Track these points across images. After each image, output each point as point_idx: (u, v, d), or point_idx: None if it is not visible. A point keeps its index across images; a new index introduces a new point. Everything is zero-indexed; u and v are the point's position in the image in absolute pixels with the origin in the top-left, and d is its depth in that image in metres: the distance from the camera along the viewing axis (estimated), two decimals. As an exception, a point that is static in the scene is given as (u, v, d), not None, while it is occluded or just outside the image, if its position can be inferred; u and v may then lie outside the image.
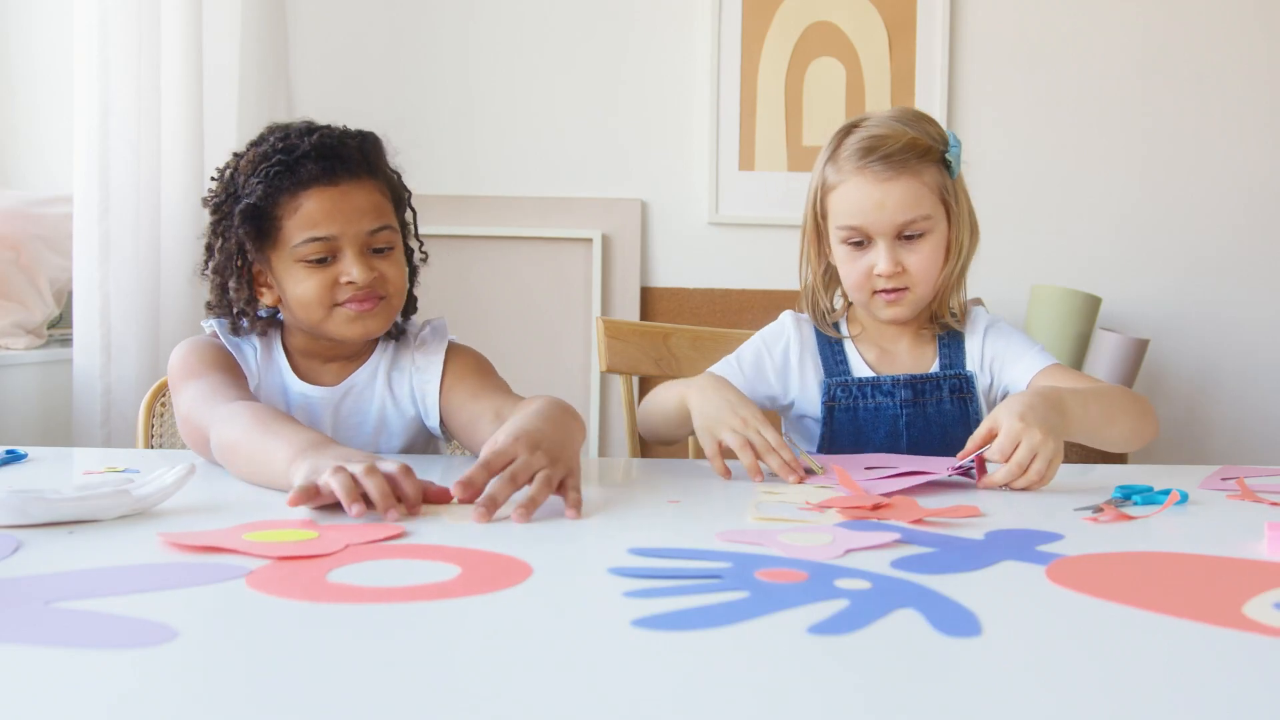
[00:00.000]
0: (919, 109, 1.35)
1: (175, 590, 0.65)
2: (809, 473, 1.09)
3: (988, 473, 1.06)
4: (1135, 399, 1.26)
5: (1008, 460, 1.04)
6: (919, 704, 0.48)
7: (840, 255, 1.31)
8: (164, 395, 1.41)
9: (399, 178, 1.26)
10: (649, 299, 2.61)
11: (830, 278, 1.37)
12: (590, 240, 2.58)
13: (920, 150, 1.25)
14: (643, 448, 1.54)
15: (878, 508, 0.90)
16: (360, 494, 0.84)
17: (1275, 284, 2.62)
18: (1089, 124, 2.60)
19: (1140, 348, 2.36)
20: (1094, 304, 2.38)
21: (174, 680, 0.50)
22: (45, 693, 0.48)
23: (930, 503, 0.95)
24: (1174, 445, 2.60)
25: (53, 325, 2.07)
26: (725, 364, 1.36)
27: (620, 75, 2.61)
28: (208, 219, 1.22)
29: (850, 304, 1.38)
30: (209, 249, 1.22)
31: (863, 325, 1.37)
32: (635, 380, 1.63)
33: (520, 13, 2.60)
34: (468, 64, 2.60)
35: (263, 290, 1.21)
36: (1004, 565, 0.73)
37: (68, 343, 2.00)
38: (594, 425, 2.55)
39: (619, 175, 2.61)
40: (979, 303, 2.10)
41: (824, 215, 1.32)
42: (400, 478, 0.87)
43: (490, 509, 0.86)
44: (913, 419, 1.30)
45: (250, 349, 1.24)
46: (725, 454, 1.12)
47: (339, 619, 0.59)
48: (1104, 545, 0.80)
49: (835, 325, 1.38)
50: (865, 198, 1.25)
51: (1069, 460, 1.13)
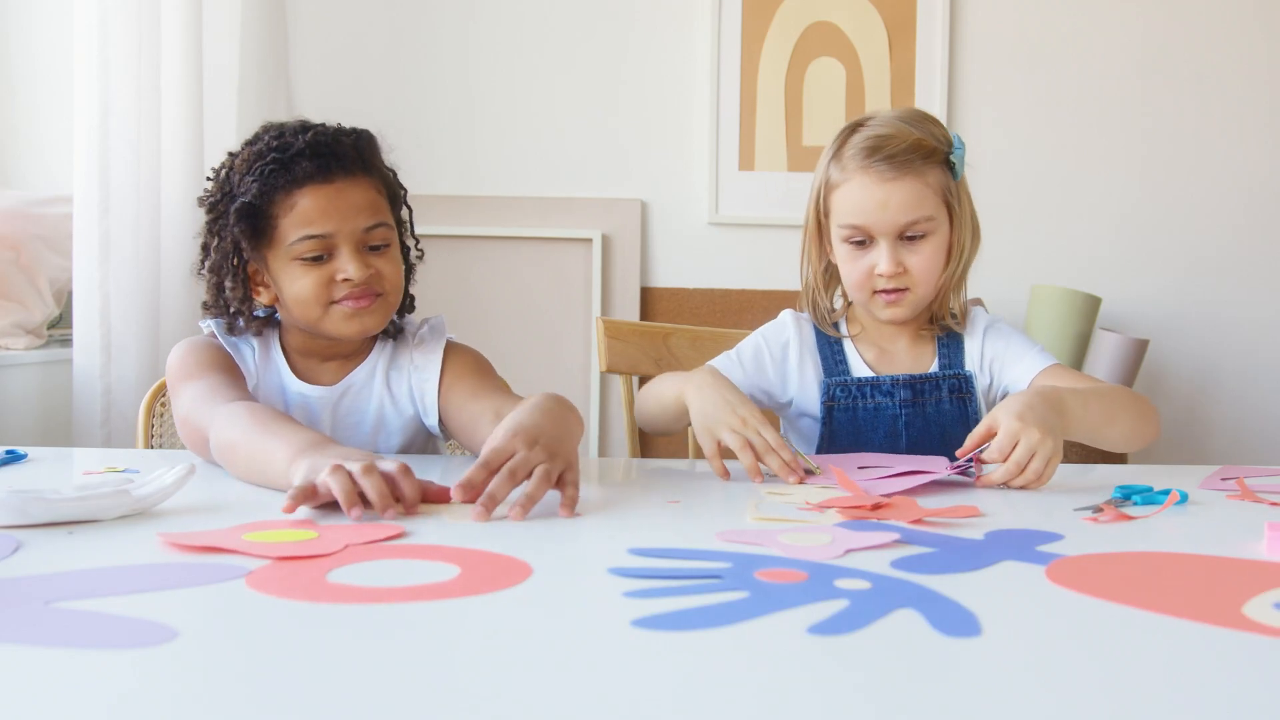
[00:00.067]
0: (923, 110, 1.35)
1: (175, 590, 0.65)
2: (808, 473, 1.09)
3: (986, 471, 1.06)
4: (1136, 399, 1.25)
5: (1006, 459, 1.04)
6: (919, 704, 0.48)
7: (841, 254, 1.31)
8: (164, 395, 1.41)
9: (394, 175, 1.26)
10: (649, 299, 2.61)
11: (830, 276, 1.37)
12: (590, 240, 2.58)
13: (925, 151, 1.25)
14: (643, 447, 1.54)
15: (878, 507, 0.90)
16: (359, 496, 0.85)
17: (1275, 284, 2.62)
18: (1089, 124, 2.60)
19: (1140, 348, 2.36)
20: (1094, 304, 2.38)
21: (174, 680, 0.50)
22: (45, 693, 0.48)
23: (930, 503, 0.95)
24: (1174, 445, 2.61)
25: (53, 325, 2.07)
26: (725, 359, 1.35)
27: (620, 75, 2.61)
28: (203, 218, 1.22)
29: (850, 304, 1.38)
30: (205, 248, 1.22)
31: (862, 325, 1.37)
32: (635, 380, 1.63)
33: (520, 13, 2.60)
34: (468, 64, 2.60)
35: (259, 289, 1.21)
36: (1004, 565, 0.73)
37: (68, 343, 2.00)
38: (594, 425, 2.55)
39: (619, 175, 2.61)
40: (979, 303, 2.10)
41: (826, 213, 1.32)
42: (398, 477, 0.87)
43: (490, 507, 0.86)
44: (912, 419, 1.30)
45: (248, 349, 1.24)
46: (724, 454, 1.12)
47: (339, 619, 0.59)
48: (1104, 545, 0.80)
49: (835, 325, 1.38)
50: (868, 197, 1.25)
51: (1069, 460, 1.13)
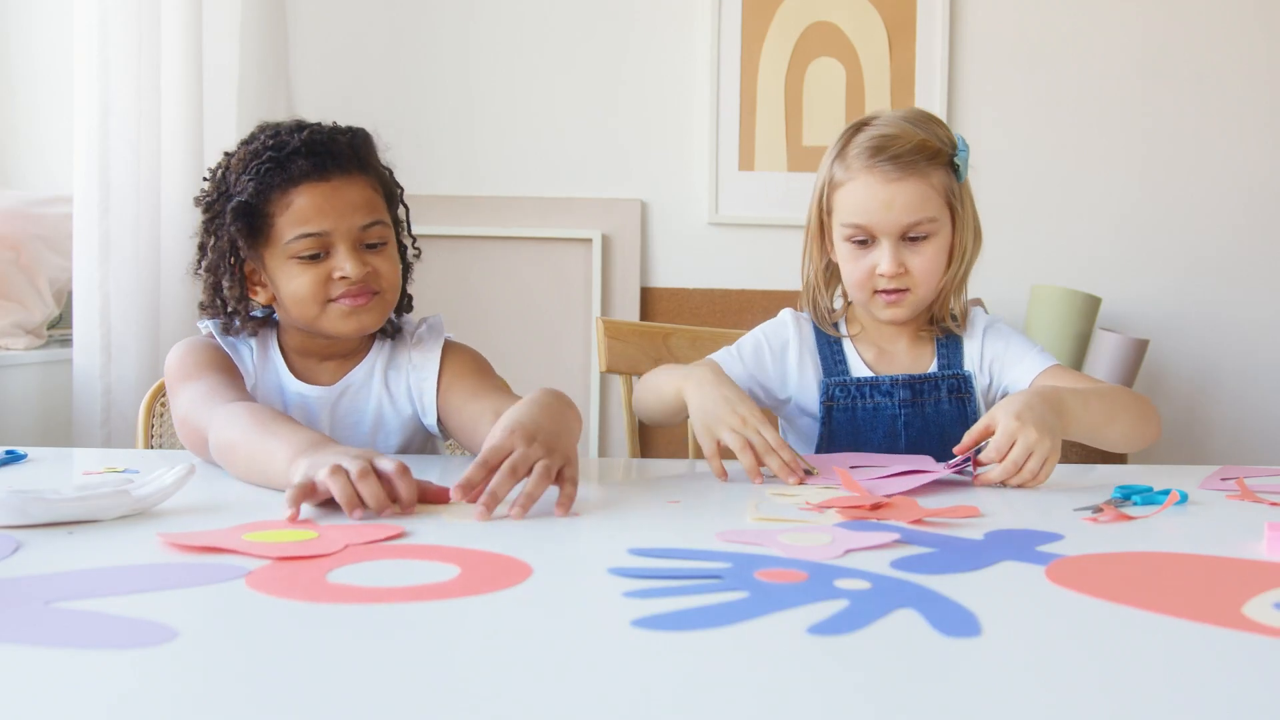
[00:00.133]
0: (927, 110, 1.35)
1: (175, 590, 0.65)
2: (807, 474, 1.09)
3: (983, 470, 1.07)
4: (1137, 400, 1.25)
5: (1003, 458, 1.05)
6: (919, 704, 0.48)
7: (843, 253, 1.30)
8: (164, 396, 1.40)
9: (391, 174, 1.26)
10: (649, 299, 2.61)
11: (831, 275, 1.37)
12: (590, 240, 2.57)
13: (930, 152, 1.25)
14: (643, 447, 1.54)
15: (878, 507, 0.90)
16: (358, 499, 0.85)
17: (1275, 284, 2.62)
18: (1089, 124, 2.60)
19: (1140, 348, 2.36)
20: (1094, 304, 2.38)
21: (174, 680, 0.50)
22: (45, 693, 0.48)
23: (930, 503, 0.95)
24: (1174, 445, 2.61)
25: (53, 325, 2.07)
26: (725, 353, 1.35)
27: (620, 75, 2.61)
28: (200, 218, 1.22)
29: (849, 303, 1.38)
30: (202, 248, 1.22)
31: (862, 325, 1.37)
32: (635, 380, 1.63)
33: (520, 13, 2.60)
34: (468, 64, 2.60)
35: (256, 289, 1.21)
36: (1004, 565, 0.73)
37: (68, 343, 2.00)
38: (594, 425, 2.55)
39: (619, 175, 2.61)
40: (979, 303, 2.10)
41: (829, 212, 1.32)
42: (395, 477, 0.87)
43: (492, 505, 0.86)
44: (911, 419, 1.30)
45: (246, 349, 1.24)
46: (724, 453, 1.12)
47: (339, 619, 0.59)
48: (1104, 545, 0.80)
49: (834, 325, 1.37)
50: (872, 197, 1.25)
51: (1069, 460, 1.13)
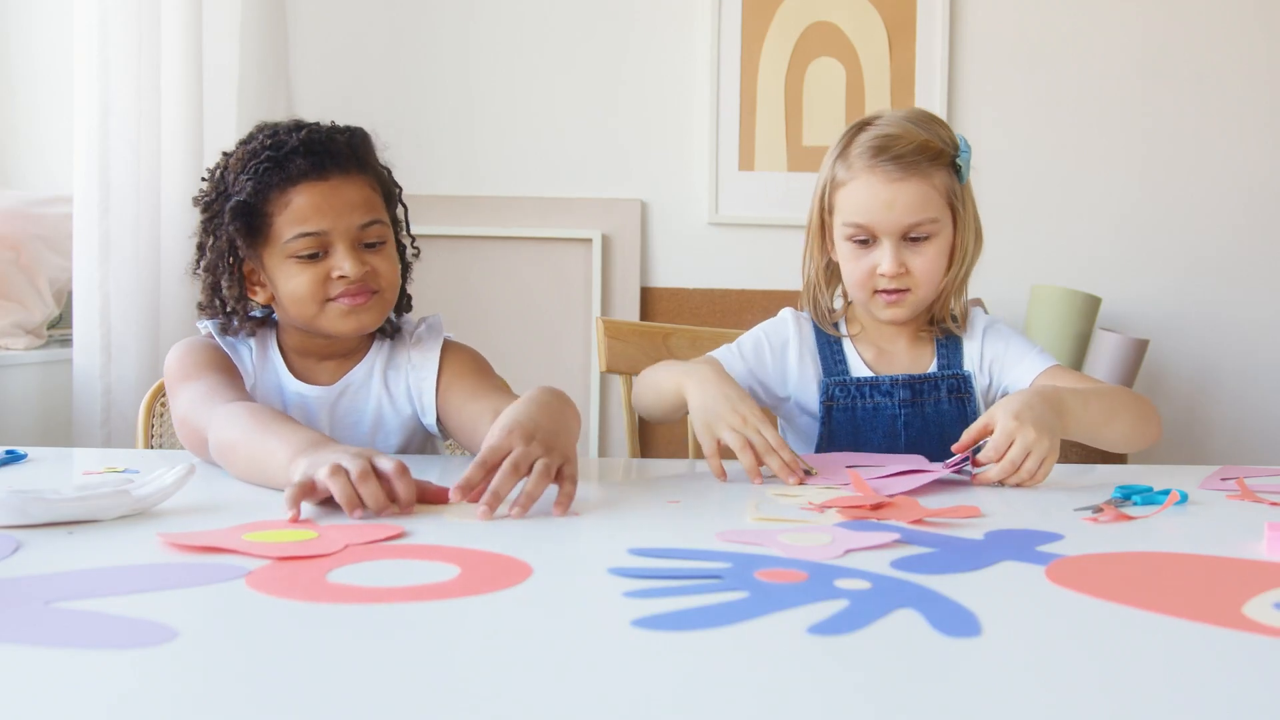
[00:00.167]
0: (929, 111, 1.35)
1: (175, 590, 0.65)
2: (807, 474, 1.09)
3: (981, 470, 1.07)
4: (1138, 400, 1.26)
5: (1001, 457, 1.05)
6: (919, 704, 0.48)
7: (844, 252, 1.30)
8: (164, 395, 1.40)
9: (389, 173, 1.25)
10: (649, 299, 2.61)
11: (832, 274, 1.37)
12: (590, 240, 2.57)
13: (932, 153, 1.25)
14: (643, 447, 1.54)
15: (879, 507, 0.90)
16: (358, 500, 0.85)
17: (1275, 284, 2.62)
18: (1089, 124, 2.60)
19: (1140, 348, 2.36)
20: (1094, 304, 2.38)
21: (174, 680, 0.50)
22: (45, 693, 0.48)
23: (931, 502, 0.95)
24: (1174, 445, 2.60)
25: (53, 325, 2.07)
26: (725, 351, 1.35)
27: (620, 75, 2.61)
28: (198, 218, 1.22)
29: (849, 303, 1.38)
30: (200, 248, 1.22)
31: (862, 325, 1.37)
32: (635, 379, 1.63)
33: (520, 13, 2.60)
34: (468, 64, 2.60)
35: (255, 289, 1.21)
36: (1004, 565, 0.73)
37: (68, 343, 2.00)
38: (594, 425, 2.55)
39: (619, 175, 2.61)
40: (978, 303, 2.10)
41: (830, 211, 1.31)
42: (394, 477, 0.87)
43: (494, 505, 0.86)
44: (911, 419, 1.30)
45: (245, 349, 1.24)
46: (724, 452, 1.12)
47: (339, 619, 0.59)
48: (1104, 545, 0.80)
49: (834, 325, 1.37)
50: (874, 197, 1.25)
51: (1069, 460, 1.13)
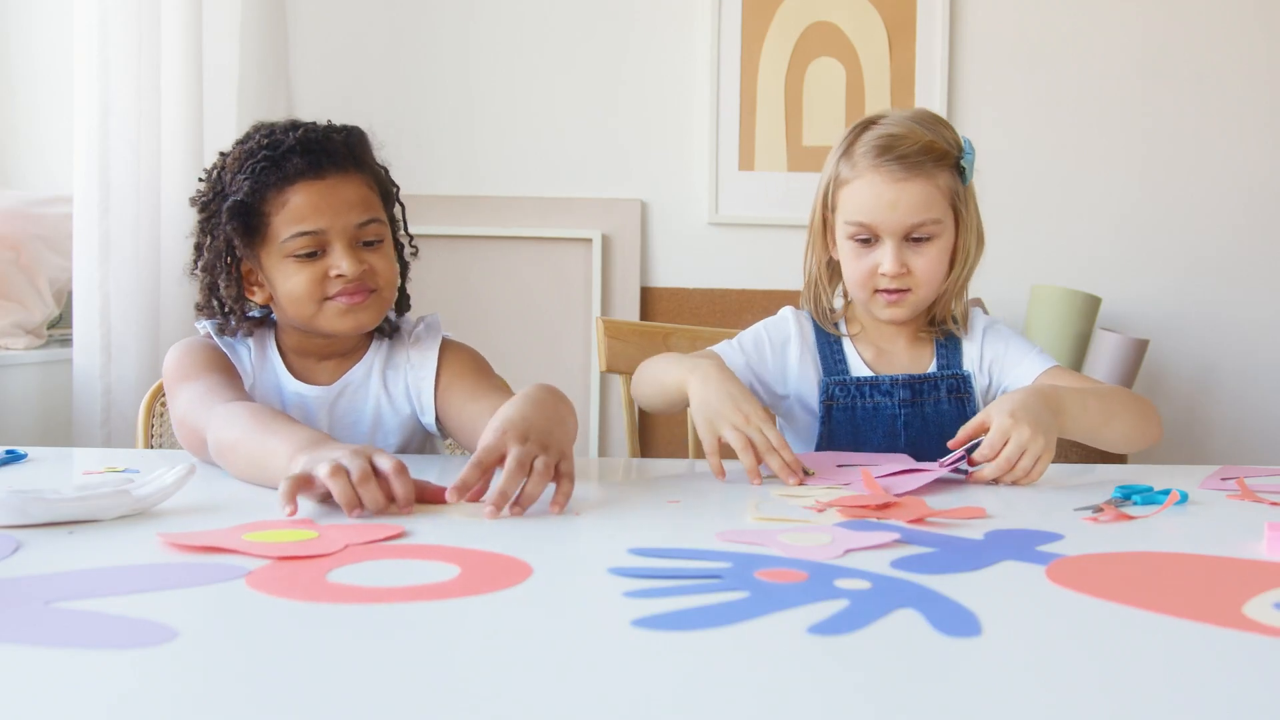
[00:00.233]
0: (934, 112, 1.35)
1: (175, 590, 0.65)
2: (807, 474, 1.08)
3: (977, 469, 1.08)
4: (1138, 400, 1.26)
5: (996, 455, 1.06)
6: (919, 704, 0.48)
7: (845, 251, 1.30)
8: (164, 395, 1.40)
9: (386, 172, 1.25)
10: (649, 299, 2.61)
11: (833, 272, 1.37)
12: (590, 240, 2.57)
13: (937, 154, 1.25)
14: (643, 447, 1.53)
15: (885, 507, 0.90)
16: (358, 500, 0.85)
17: (1275, 284, 2.62)
18: (1089, 124, 2.60)
19: (1140, 348, 2.36)
20: (1094, 304, 2.38)
21: (174, 680, 0.50)
22: (45, 693, 0.48)
23: (936, 503, 0.95)
24: (1174, 445, 2.60)
25: (53, 325, 2.07)
26: (725, 345, 1.35)
27: (620, 75, 2.61)
28: (195, 218, 1.22)
29: (849, 303, 1.38)
30: (198, 248, 1.21)
31: (862, 325, 1.37)
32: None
33: (520, 13, 2.60)
34: (468, 64, 2.60)
35: (253, 289, 1.21)
36: (1004, 565, 0.73)
37: (68, 343, 2.00)
38: (594, 425, 2.55)
39: (619, 175, 2.61)
40: (978, 303, 2.10)
41: (833, 209, 1.31)
42: (392, 476, 0.87)
43: (501, 505, 0.86)
44: (910, 419, 1.30)
45: (244, 349, 1.24)
46: (724, 450, 1.12)
47: (339, 619, 0.59)
48: (1104, 545, 0.80)
49: (835, 324, 1.37)
50: (877, 196, 1.25)
51: (1069, 460, 1.14)
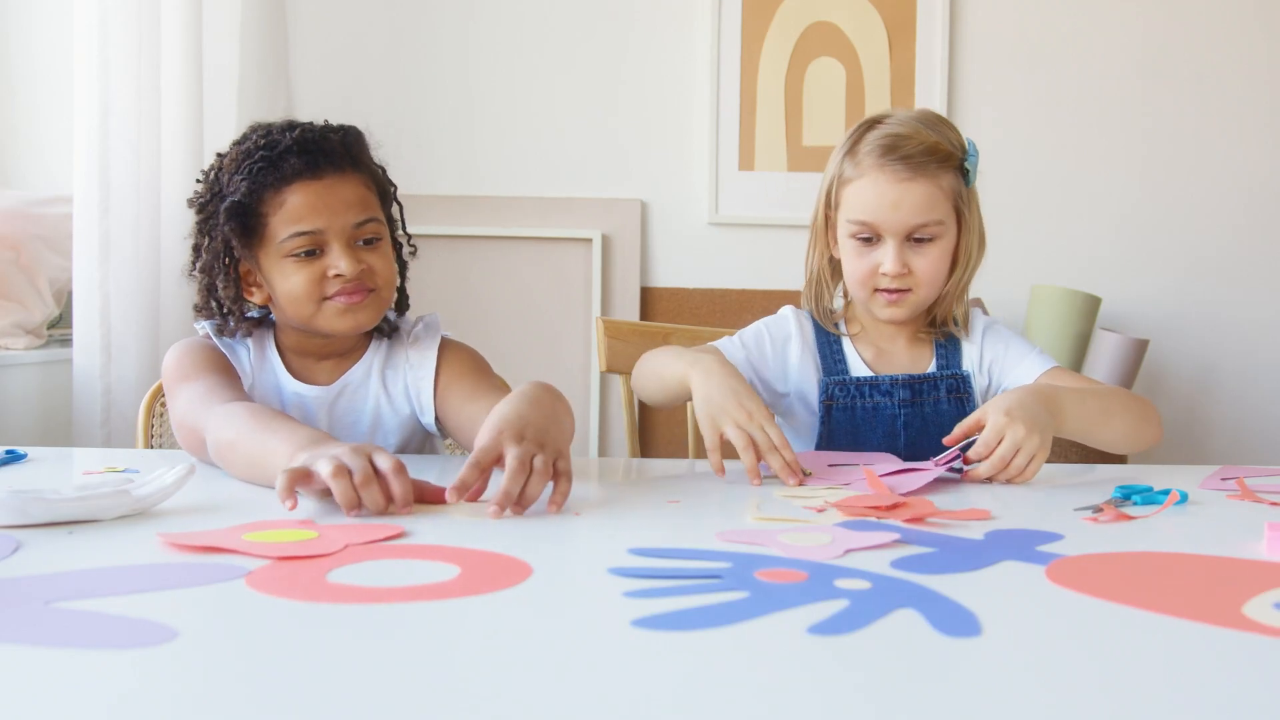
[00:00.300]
0: (938, 113, 1.35)
1: (175, 590, 0.65)
2: (806, 475, 1.08)
3: (972, 467, 1.08)
4: (1138, 401, 1.26)
5: (990, 453, 1.06)
6: (919, 704, 0.48)
7: (847, 249, 1.30)
8: (164, 396, 1.40)
9: (383, 171, 1.25)
10: (649, 299, 2.61)
11: (834, 271, 1.37)
12: (590, 240, 2.57)
13: (941, 155, 1.25)
14: (643, 447, 1.53)
15: (894, 507, 0.90)
16: (358, 501, 0.86)
17: (1275, 284, 2.62)
18: (1089, 124, 2.60)
19: (1140, 348, 2.36)
20: (1094, 304, 2.38)
21: (174, 680, 0.50)
22: (45, 693, 0.48)
23: (940, 503, 0.95)
24: (1174, 445, 2.60)
25: (53, 325, 2.07)
26: (726, 340, 1.35)
27: (620, 75, 2.61)
28: (193, 219, 1.22)
29: (849, 302, 1.38)
30: (196, 249, 1.21)
31: (862, 325, 1.37)
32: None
33: (520, 13, 2.60)
34: (468, 64, 2.60)
35: (252, 290, 1.21)
36: (1004, 565, 0.73)
37: (68, 343, 2.00)
38: (594, 425, 2.55)
39: (619, 175, 2.61)
40: (978, 303, 2.10)
41: (835, 207, 1.31)
42: (391, 475, 0.87)
43: (505, 504, 0.86)
44: (910, 419, 1.30)
45: (243, 349, 1.24)
46: (725, 447, 1.11)
47: (339, 619, 0.59)
48: (1104, 545, 0.80)
49: (835, 324, 1.37)
50: (881, 196, 1.25)
51: (1069, 460, 1.14)
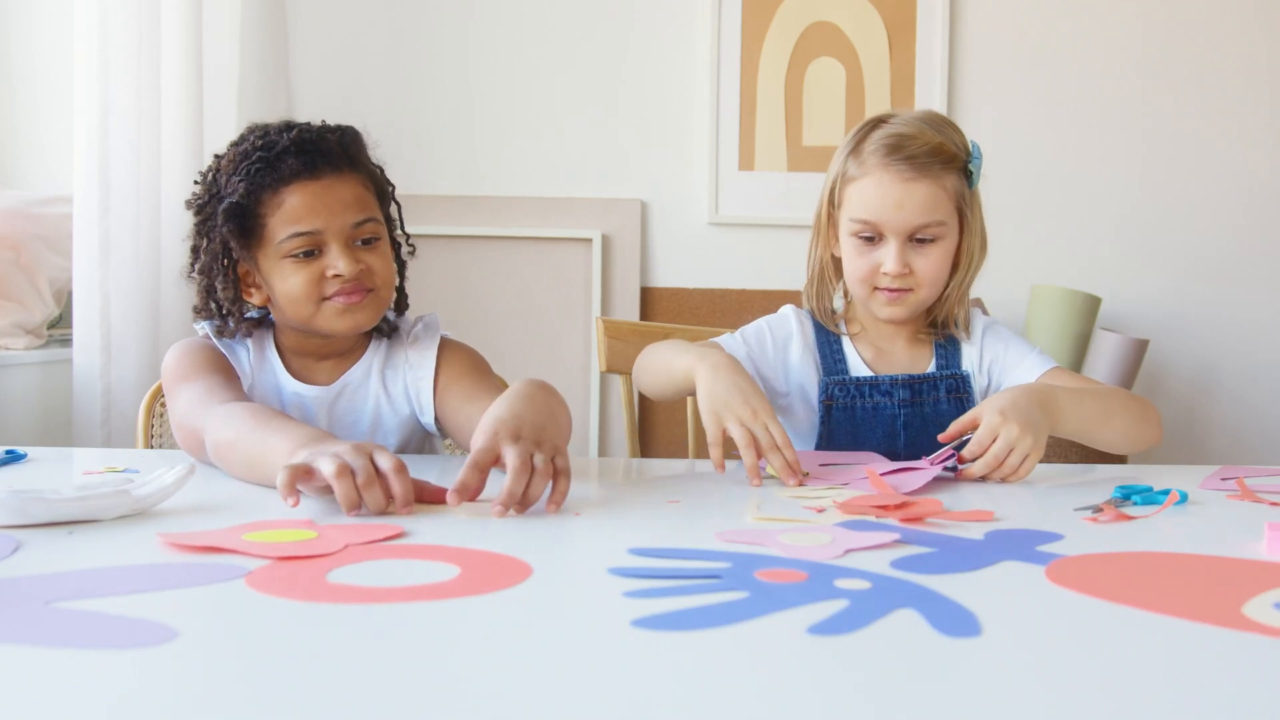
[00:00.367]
0: (943, 114, 1.34)
1: (175, 590, 0.65)
2: (806, 476, 1.08)
3: (966, 466, 1.09)
4: (1138, 402, 1.26)
5: (984, 452, 1.07)
6: (919, 704, 0.48)
7: (848, 248, 1.30)
8: (164, 396, 1.40)
9: (381, 171, 1.25)
10: (649, 299, 2.61)
11: (836, 268, 1.37)
12: (590, 240, 2.58)
13: (945, 156, 1.25)
14: (643, 447, 1.53)
15: (902, 506, 0.90)
16: (358, 501, 0.85)
17: (1275, 284, 2.62)
18: (1089, 124, 2.60)
19: (1140, 348, 2.36)
20: (1094, 304, 2.38)
21: (174, 680, 0.50)
22: (45, 693, 0.48)
23: (944, 502, 0.95)
24: (1174, 445, 2.60)
25: (53, 325, 2.07)
26: (728, 338, 1.35)
27: (620, 75, 2.61)
28: (191, 221, 1.22)
29: (849, 302, 1.38)
30: (195, 251, 1.21)
31: (862, 325, 1.37)
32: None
33: (520, 13, 2.60)
34: (468, 64, 2.60)
35: (251, 291, 1.21)
36: (1004, 565, 0.73)
37: (68, 343, 2.00)
38: (594, 425, 2.55)
39: (619, 175, 2.61)
40: (978, 304, 2.10)
41: (838, 205, 1.31)
42: (391, 474, 0.87)
43: (509, 504, 0.86)
44: (910, 419, 1.30)
45: (243, 350, 1.24)
46: (728, 444, 1.11)
47: (339, 619, 0.59)
48: (1104, 545, 0.80)
49: (835, 323, 1.37)
50: (884, 195, 1.25)
51: (1069, 460, 1.14)
